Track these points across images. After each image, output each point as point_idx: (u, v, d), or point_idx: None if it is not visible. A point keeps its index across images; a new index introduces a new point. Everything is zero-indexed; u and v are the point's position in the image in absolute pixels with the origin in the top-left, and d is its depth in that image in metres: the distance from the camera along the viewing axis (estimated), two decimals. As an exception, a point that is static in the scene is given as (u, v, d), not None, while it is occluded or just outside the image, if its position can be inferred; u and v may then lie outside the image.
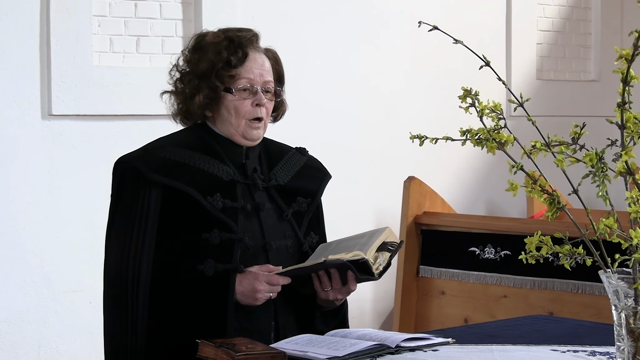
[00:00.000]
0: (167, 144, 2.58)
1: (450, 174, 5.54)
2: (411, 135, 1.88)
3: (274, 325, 2.54)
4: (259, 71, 2.58)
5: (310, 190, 2.70)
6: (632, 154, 1.70)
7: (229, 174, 2.56)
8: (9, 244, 4.09)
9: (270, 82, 2.60)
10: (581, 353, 2.31)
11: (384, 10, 5.27)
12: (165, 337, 2.46)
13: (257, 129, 2.59)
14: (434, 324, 4.77)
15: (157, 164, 2.52)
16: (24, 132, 4.12)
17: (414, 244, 4.88)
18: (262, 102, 2.57)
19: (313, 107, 4.94)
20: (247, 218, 2.54)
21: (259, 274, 2.45)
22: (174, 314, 2.46)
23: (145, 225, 2.49)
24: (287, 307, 2.56)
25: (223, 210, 2.51)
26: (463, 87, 1.82)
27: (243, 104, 2.56)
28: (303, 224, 2.65)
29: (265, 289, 2.44)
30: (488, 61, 1.85)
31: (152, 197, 2.50)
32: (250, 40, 2.59)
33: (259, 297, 2.45)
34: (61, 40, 4.17)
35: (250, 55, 2.58)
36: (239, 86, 2.56)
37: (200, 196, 2.49)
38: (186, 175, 2.52)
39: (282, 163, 2.69)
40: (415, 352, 2.30)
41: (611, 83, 6.04)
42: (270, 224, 2.58)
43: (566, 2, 6.16)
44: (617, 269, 1.76)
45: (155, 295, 2.46)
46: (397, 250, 2.55)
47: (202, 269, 2.45)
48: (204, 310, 2.44)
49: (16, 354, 4.10)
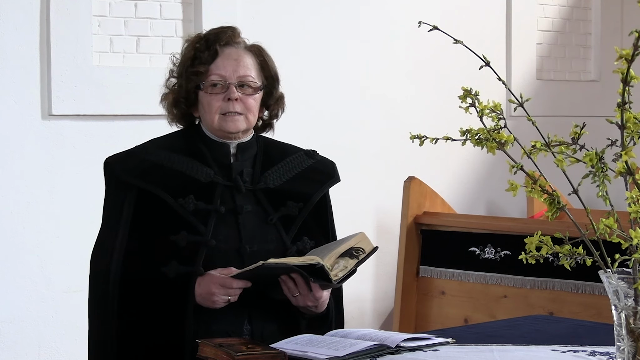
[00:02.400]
0: (153, 146, 2.62)
1: (450, 174, 5.54)
2: (411, 136, 1.88)
3: (249, 330, 2.51)
4: (232, 66, 2.57)
5: (305, 194, 2.64)
6: (632, 154, 1.70)
7: (208, 176, 2.56)
8: (9, 244, 4.09)
9: (248, 76, 2.58)
10: (581, 353, 2.31)
11: (385, 11, 5.27)
12: (131, 336, 2.49)
13: (232, 121, 2.57)
14: (434, 324, 4.77)
15: (134, 166, 2.56)
16: (24, 132, 4.13)
17: (414, 244, 4.88)
18: (233, 96, 2.55)
19: (313, 108, 4.94)
20: (222, 221, 2.53)
21: (215, 277, 2.44)
22: (138, 314, 2.48)
23: (118, 226, 2.54)
24: (263, 312, 2.52)
25: (195, 212, 2.51)
26: (463, 87, 1.82)
27: (214, 99, 2.56)
28: (292, 229, 2.60)
29: (220, 292, 2.42)
30: (488, 61, 1.85)
31: (126, 199, 2.54)
32: (225, 37, 2.59)
33: (215, 300, 2.43)
34: (61, 40, 4.17)
35: (224, 51, 2.58)
36: (209, 83, 2.56)
37: (171, 198, 2.51)
38: (160, 177, 2.54)
39: (279, 165, 2.66)
40: (415, 352, 2.30)
41: (611, 83, 6.04)
42: (251, 228, 2.55)
43: (566, 2, 6.16)
44: (617, 269, 1.76)
45: (123, 295, 2.49)
46: (367, 257, 2.49)
47: (165, 270, 2.46)
48: (165, 311, 2.45)
49: (16, 354, 4.11)
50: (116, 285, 2.49)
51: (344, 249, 2.47)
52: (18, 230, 4.12)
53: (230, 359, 2.13)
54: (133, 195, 2.54)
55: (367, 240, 2.53)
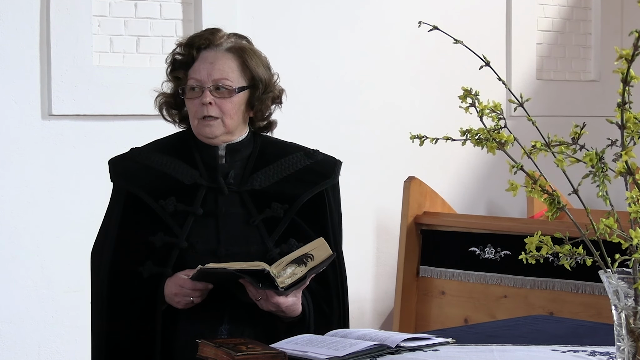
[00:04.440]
0: (148, 148, 2.66)
1: (450, 174, 5.53)
2: (411, 136, 1.88)
3: (227, 330, 2.51)
4: (206, 70, 2.55)
5: (291, 196, 2.60)
6: (632, 154, 1.70)
7: (192, 178, 2.56)
8: (9, 244, 4.09)
9: (223, 79, 2.55)
10: (581, 353, 2.31)
11: (385, 11, 5.27)
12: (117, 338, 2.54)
13: (208, 126, 2.56)
14: (434, 324, 4.77)
15: (124, 168, 2.62)
16: (24, 132, 4.13)
17: (414, 244, 4.88)
18: (206, 101, 2.54)
19: (313, 108, 4.94)
20: (201, 223, 2.54)
21: (178, 278, 2.47)
22: (115, 312, 2.54)
23: (108, 226, 2.61)
24: (240, 314, 2.52)
25: (174, 214, 2.53)
26: (463, 87, 1.82)
27: (192, 103, 2.57)
28: (276, 231, 2.57)
29: (180, 292, 2.45)
30: (488, 61, 1.85)
31: (118, 200, 2.61)
32: (202, 40, 2.59)
33: (178, 301, 2.47)
34: (61, 40, 4.17)
35: (202, 55, 2.58)
36: (188, 87, 2.57)
37: (152, 200, 2.54)
38: (144, 179, 2.58)
39: (271, 166, 2.63)
40: (415, 352, 2.30)
41: (611, 83, 6.04)
42: (230, 230, 2.55)
43: (566, 2, 6.16)
44: (617, 269, 1.76)
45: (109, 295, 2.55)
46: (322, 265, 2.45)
47: (141, 270, 2.51)
48: (138, 311, 2.50)
49: (16, 354, 4.10)
50: (104, 285, 2.55)
51: (296, 256, 2.44)
52: (18, 230, 4.12)
53: (231, 359, 2.13)
54: (123, 197, 2.59)
55: (324, 246, 2.49)
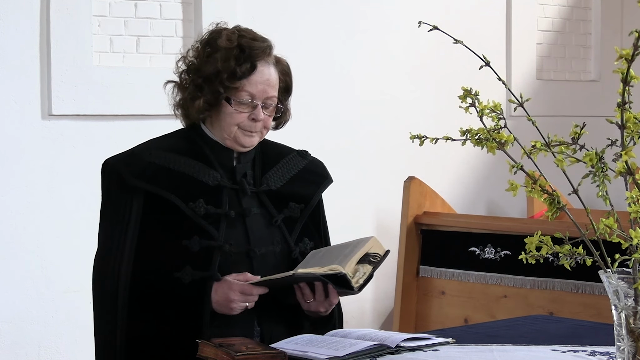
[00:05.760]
0: (154, 147, 2.56)
1: (450, 174, 5.54)
2: (411, 135, 1.88)
3: (258, 332, 2.50)
4: (262, 86, 2.51)
5: (305, 196, 2.64)
6: (632, 154, 1.70)
7: (215, 179, 2.52)
8: (9, 244, 4.09)
9: (273, 97, 2.54)
10: (581, 353, 2.31)
11: (385, 12, 5.27)
12: (143, 342, 2.46)
13: (250, 137, 2.54)
14: (434, 324, 4.77)
15: (140, 169, 2.50)
16: (24, 132, 4.13)
17: (414, 244, 4.88)
18: (259, 118, 2.52)
19: (313, 108, 4.94)
20: (231, 224, 2.50)
21: (233, 283, 2.41)
22: (151, 320, 2.45)
23: (126, 230, 2.49)
24: (272, 314, 2.52)
25: (205, 216, 2.48)
26: (463, 87, 1.82)
27: (240, 116, 2.52)
28: (295, 230, 2.59)
29: (239, 298, 2.40)
30: (488, 61, 1.85)
31: (134, 203, 2.50)
32: (262, 53, 2.53)
33: (234, 307, 2.41)
34: (61, 40, 4.17)
35: (257, 69, 2.51)
36: (239, 99, 2.51)
37: (182, 202, 2.47)
38: (169, 181, 2.49)
39: (277, 167, 2.64)
40: (415, 352, 2.30)
41: (611, 83, 6.04)
42: (257, 230, 2.54)
43: (566, 2, 6.16)
44: (617, 269, 1.76)
45: (134, 299, 2.46)
46: (382, 261, 2.48)
47: (180, 276, 2.43)
48: (180, 318, 2.42)
49: (16, 354, 4.10)
50: (127, 289, 2.46)
51: (361, 255, 2.45)
52: (18, 230, 4.12)
53: (231, 359, 2.13)
54: (140, 198, 2.49)
55: (379, 244, 2.52)
